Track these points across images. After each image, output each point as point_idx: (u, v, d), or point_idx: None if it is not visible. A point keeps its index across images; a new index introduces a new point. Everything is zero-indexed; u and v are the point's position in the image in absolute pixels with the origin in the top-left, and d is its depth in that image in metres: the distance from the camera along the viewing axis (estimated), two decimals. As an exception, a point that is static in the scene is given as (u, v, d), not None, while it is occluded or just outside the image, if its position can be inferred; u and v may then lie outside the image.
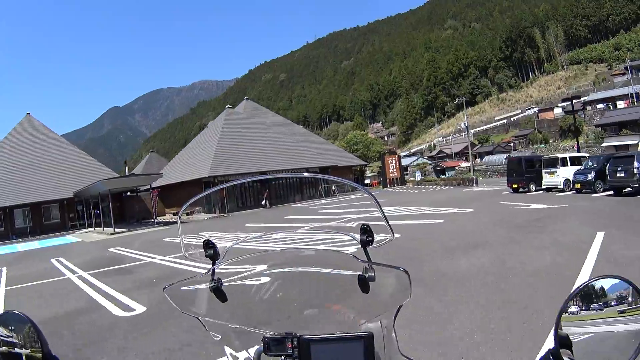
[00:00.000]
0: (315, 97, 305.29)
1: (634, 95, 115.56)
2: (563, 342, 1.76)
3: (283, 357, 1.95)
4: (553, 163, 42.88)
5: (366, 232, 2.25)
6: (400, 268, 1.97)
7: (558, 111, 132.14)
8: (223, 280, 2.27)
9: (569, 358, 1.71)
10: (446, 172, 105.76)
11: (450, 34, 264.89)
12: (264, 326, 2.18)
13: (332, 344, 1.90)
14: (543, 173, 43.24)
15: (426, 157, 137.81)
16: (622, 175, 32.56)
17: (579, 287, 1.81)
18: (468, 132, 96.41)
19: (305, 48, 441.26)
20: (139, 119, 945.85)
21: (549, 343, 2.47)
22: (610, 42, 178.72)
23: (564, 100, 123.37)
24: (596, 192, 35.90)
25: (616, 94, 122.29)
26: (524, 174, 44.66)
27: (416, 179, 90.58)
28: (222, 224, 45.05)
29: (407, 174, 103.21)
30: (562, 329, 1.79)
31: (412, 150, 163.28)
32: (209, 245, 2.35)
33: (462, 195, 48.20)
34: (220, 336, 2.24)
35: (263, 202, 61.23)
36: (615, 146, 71.04)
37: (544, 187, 43.05)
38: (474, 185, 65.54)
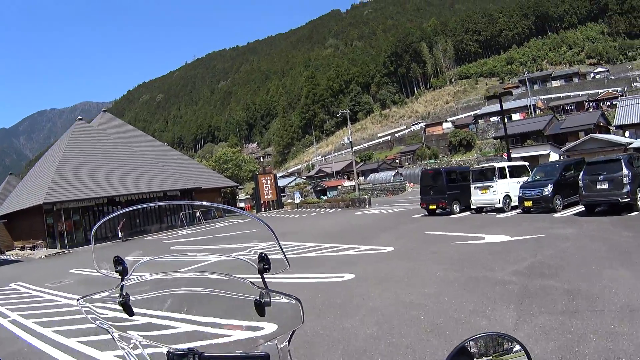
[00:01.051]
0: (191, 117, 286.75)
1: (531, 107, 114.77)
2: None
3: None
4: (486, 175, 33.51)
5: (263, 260, 2.33)
6: (292, 296, 2.16)
7: (447, 125, 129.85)
8: (131, 296, 2.34)
9: None
10: (328, 193, 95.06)
11: (331, 52, 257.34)
12: (169, 341, 2.26)
13: None
14: (472, 188, 33.63)
15: (304, 177, 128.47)
16: (605, 186, 24.12)
17: (460, 344, 1.98)
18: (352, 148, 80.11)
19: (183, 68, 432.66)
20: (23, 141, 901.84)
21: None
22: (502, 57, 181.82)
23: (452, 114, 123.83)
24: (555, 211, 27.58)
25: (511, 106, 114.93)
26: (445, 190, 34.46)
27: (295, 201, 78.22)
28: (40, 270, 33.25)
29: (284, 196, 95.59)
30: None
31: (290, 171, 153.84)
32: (118, 261, 2.42)
33: (358, 220, 38.72)
34: (127, 348, 2.28)
35: (119, 235, 49.18)
36: (522, 157, 58.60)
37: (473, 206, 33.82)
38: (367, 206, 54.21)
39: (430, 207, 34.60)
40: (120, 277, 2.38)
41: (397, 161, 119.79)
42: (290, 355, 2.16)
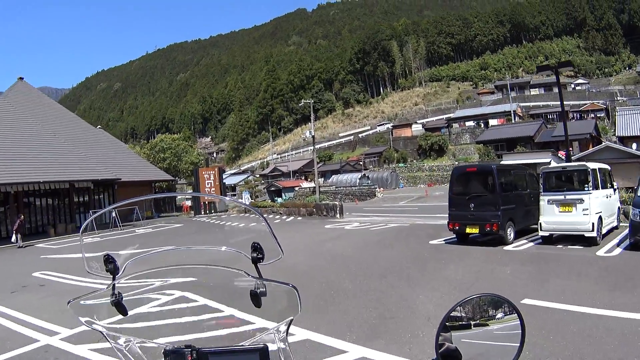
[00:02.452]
0: (146, 108, 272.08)
1: (512, 112, 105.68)
2: (452, 354, 1.97)
3: None
4: (571, 180, 20.27)
5: (257, 250, 2.32)
6: (289, 284, 2.14)
7: (417, 128, 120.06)
8: (123, 294, 2.29)
9: None
10: (283, 194, 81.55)
11: (294, 49, 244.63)
12: (165, 339, 2.30)
13: (228, 355, 1.98)
14: (544, 202, 19.41)
15: (258, 175, 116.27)
16: None
17: (460, 301, 2.01)
18: (314, 144, 67.85)
19: (144, 58, 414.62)
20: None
21: None
22: (476, 62, 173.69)
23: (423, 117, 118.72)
24: None
25: (488, 111, 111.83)
26: (499, 202, 19.75)
27: (247, 202, 63.06)
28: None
29: (234, 195, 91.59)
30: (450, 343, 1.99)
31: (243, 168, 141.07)
32: (109, 260, 2.34)
33: (334, 243, 24.41)
34: (123, 349, 2.23)
35: (13, 238, 35.40)
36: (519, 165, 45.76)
37: (542, 232, 19.39)
38: (338, 215, 40.50)
39: (468, 229, 20.30)
40: (112, 276, 2.28)
41: (361, 163, 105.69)
42: (289, 345, 2.12)
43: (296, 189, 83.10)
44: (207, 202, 59.15)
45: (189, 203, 67.65)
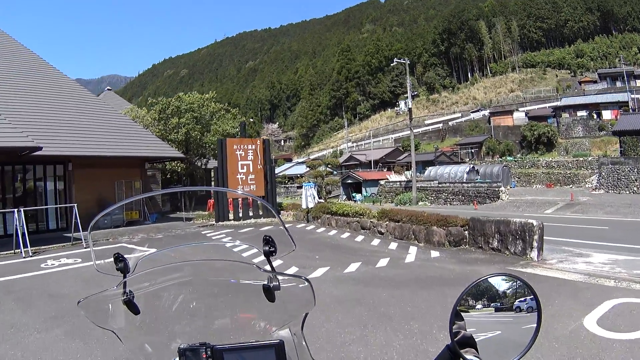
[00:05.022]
0: (212, 94, 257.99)
1: (635, 100, 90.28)
2: (467, 342, 1.82)
3: None
4: None
5: (269, 243, 2.29)
6: (302, 277, 2.07)
7: (519, 116, 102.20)
8: (135, 293, 2.20)
9: (474, 355, 1.78)
10: (364, 189, 65.69)
11: (369, 36, 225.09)
12: (179, 337, 2.20)
13: (244, 352, 1.88)
14: None
15: (329, 166, 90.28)
16: None
17: (470, 284, 1.90)
18: (410, 121, 56.31)
19: (212, 46, 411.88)
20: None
21: None
22: (570, 49, 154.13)
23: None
24: None
25: (598, 100, 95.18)
26: None
27: (306, 204, 35.57)
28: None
29: (300, 187, 66.87)
30: (465, 330, 1.85)
31: (312, 157, 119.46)
32: (119, 258, 2.24)
33: None
34: (136, 349, 2.19)
35: None
36: None
37: None
38: (532, 253, 16.70)
39: None
40: (122, 275, 2.19)
41: (456, 154, 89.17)
42: (305, 340, 2.10)
43: (381, 182, 65.13)
44: (241, 200, 36.26)
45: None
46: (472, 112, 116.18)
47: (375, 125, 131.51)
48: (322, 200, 39.07)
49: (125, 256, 2.22)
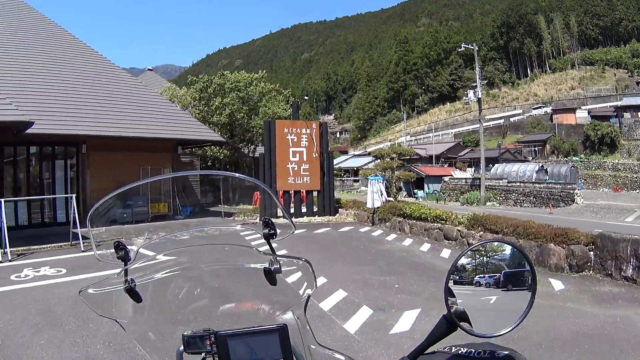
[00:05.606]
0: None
1: None
2: (460, 316, 1.80)
3: (203, 354, 1.91)
4: None
5: (268, 226, 2.26)
6: (302, 259, 2.10)
7: (582, 114, 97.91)
8: (137, 281, 2.17)
9: (468, 328, 1.77)
10: (426, 185, 61.06)
11: (425, 29, 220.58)
12: (182, 324, 2.19)
13: (248, 337, 1.88)
14: None
15: (388, 159, 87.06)
16: None
17: (464, 251, 1.88)
18: (480, 112, 52.18)
19: (267, 37, 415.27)
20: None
21: None
22: (627, 48, 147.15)
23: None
24: None
25: None
26: None
27: (372, 203, 28.25)
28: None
29: (357, 181, 71.32)
30: (456, 303, 1.82)
31: (369, 150, 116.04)
32: (119, 247, 2.22)
33: None
34: (139, 337, 2.16)
35: None
36: None
37: None
38: None
39: None
40: (123, 263, 2.17)
41: (519, 152, 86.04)
42: (309, 323, 2.07)
43: (445, 179, 60.93)
44: (290, 192, 31.67)
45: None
46: (533, 109, 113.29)
47: (434, 119, 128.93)
48: (391, 199, 31.26)
49: (126, 243, 2.18)
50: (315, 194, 31.43)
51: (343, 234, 25.16)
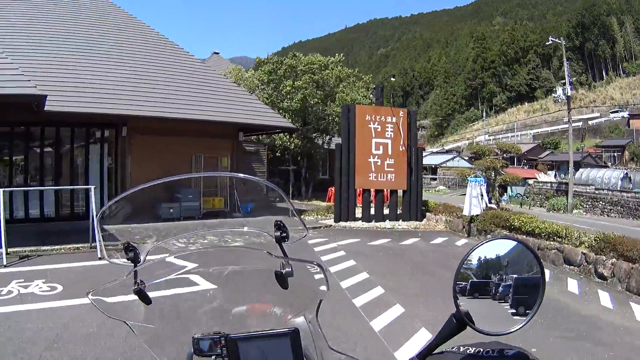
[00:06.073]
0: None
1: None
2: (467, 314, 1.74)
3: (214, 358, 1.89)
4: None
5: (280, 229, 2.23)
6: (314, 262, 2.02)
7: None
8: (146, 283, 2.17)
9: (478, 326, 1.72)
10: (509, 188, 53.53)
11: (500, 28, 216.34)
12: (193, 327, 2.15)
13: (259, 341, 1.86)
14: None
15: (466, 158, 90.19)
16: None
17: (472, 248, 1.81)
18: (569, 115, 50.64)
19: (343, 31, 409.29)
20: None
21: None
22: None
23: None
24: None
25: None
26: None
27: (470, 208, 22.90)
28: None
29: (434, 179, 71.84)
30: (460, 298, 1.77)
31: (446, 147, 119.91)
32: (129, 247, 2.19)
33: None
34: (149, 339, 2.14)
35: None
36: None
37: None
38: None
39: None
40: (133, 265, 2.13)
41: (599, 157, 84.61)
42: (321, 327, 2.00)
43: (530, 182, 58.32)
44: (374, 193, 26.93)
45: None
46: (611, 113, 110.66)
47: (512, 119, 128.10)
48: (493, 205, 25.32)
49: (136, 245, 2.20)
50: (400, 193, 26.57)
51: (437, 248, 19.81)
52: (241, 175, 2.53)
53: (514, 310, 1.72)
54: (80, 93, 21.59)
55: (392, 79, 62.13)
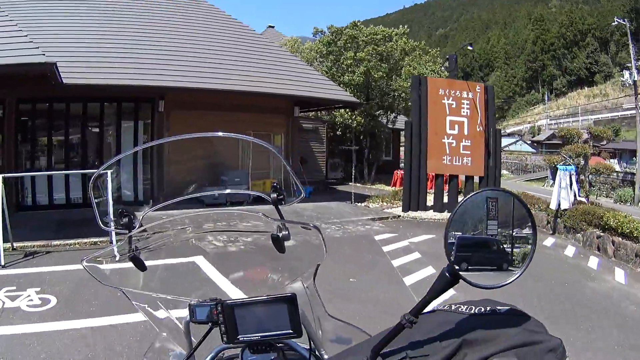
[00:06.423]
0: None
1: None
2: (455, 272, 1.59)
3: (210, 324, 1.86)
4: None
5: (277, 191, 2.20)
6: (310, 225, 1.95)
7: None
8: (141, 248, 2.15)
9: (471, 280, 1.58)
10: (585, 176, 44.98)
11: (557, 10, 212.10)
12: (188, 293, 2.10)
13: (255, 307, 1.83)
14: None
15: (528, 142, 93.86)
16: None
17: (463, 200, 1.68)
18: (637, 101, 43.61)
19: (401, 12, 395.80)
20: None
21: None
22: None
23: None
24: None
25: None
26: None
27: (558, 200, 18.44)
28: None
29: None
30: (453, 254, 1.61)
31: (508, 131, 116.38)
32: (123, 213, 2.19)
33: None
34: (145, 306, 2.11)
35: None
36: None
37: None
38: None
39: None
40: (127, 231, 2.10)
41: None
42: (318, 292, 1.99)
43: (598, 170, 50.65)
44: (447, 178, 22.66)
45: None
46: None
47: (572, 103, 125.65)
48: (582, 198, 21.31)
49: (130, 210, 2.18)
50: (476, 180, 22.27)
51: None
52: (250, 138, 2.41)
53: (506, 265, 1.67)
54: (108, 63, 18.66)
55: (469, 47, 57.42)
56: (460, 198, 19.77)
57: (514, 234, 1.64)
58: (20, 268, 11.08)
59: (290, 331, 1.77)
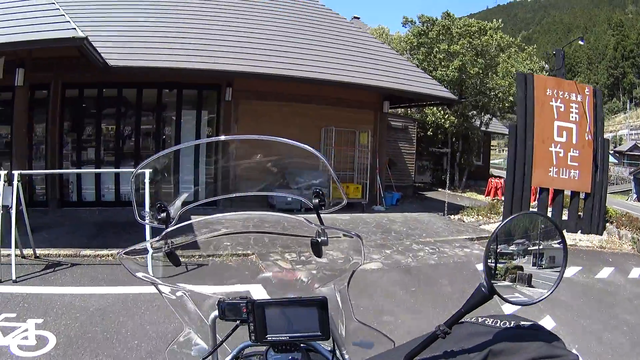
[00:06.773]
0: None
1: None
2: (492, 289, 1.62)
3: (238, 322, 1.83)
4: None
5: (319, 197, 2.15)
6: (352, 233, 1.91)
7: None
8: (177, 244, 2.11)
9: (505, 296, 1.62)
10: None
11: (634, 17, 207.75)
12: (219, 290, 2.15)
13: (286, 307, 1.79)
14: None
15: (611, 152, 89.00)
16: None
17: (502, 223, 1.69)
18: None
19: (484, 12, 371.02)
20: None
21: None
22: None
23: None
24: None
25: None
26: None
27: None
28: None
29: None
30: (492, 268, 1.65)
31: None
32: (161, 208, 2.14)
33: None
34: (175, 300, 2.10)
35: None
36: None
37: None
38: None
39: None
40: (164, 226, 2.07)
41: None
42: (350, 299, 1.94)
43: None
44: (552, 192, 18.31)
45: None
46: None
47: None
48: None
49: (168, 206, 2.15)
50: (582, 196, 17.58)
51: (614, 294, 10.09)
52: (291, 142, 2.08)
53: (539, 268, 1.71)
54: (166, 44, 16.44)
55: (581, 42, 51.71)
56: (565, 216, 17.59)
57: (547, 254, 1.75)
58: (32, 286, 8.57)
59: (319, 333, 1.77)
